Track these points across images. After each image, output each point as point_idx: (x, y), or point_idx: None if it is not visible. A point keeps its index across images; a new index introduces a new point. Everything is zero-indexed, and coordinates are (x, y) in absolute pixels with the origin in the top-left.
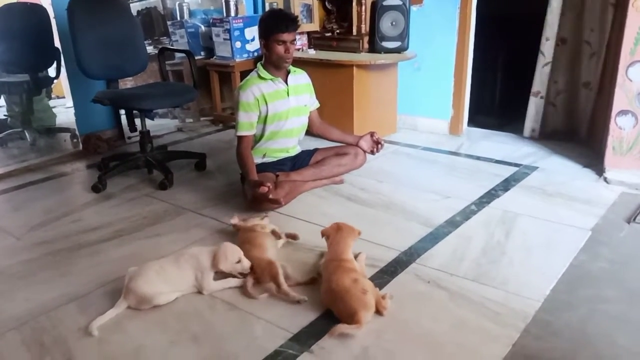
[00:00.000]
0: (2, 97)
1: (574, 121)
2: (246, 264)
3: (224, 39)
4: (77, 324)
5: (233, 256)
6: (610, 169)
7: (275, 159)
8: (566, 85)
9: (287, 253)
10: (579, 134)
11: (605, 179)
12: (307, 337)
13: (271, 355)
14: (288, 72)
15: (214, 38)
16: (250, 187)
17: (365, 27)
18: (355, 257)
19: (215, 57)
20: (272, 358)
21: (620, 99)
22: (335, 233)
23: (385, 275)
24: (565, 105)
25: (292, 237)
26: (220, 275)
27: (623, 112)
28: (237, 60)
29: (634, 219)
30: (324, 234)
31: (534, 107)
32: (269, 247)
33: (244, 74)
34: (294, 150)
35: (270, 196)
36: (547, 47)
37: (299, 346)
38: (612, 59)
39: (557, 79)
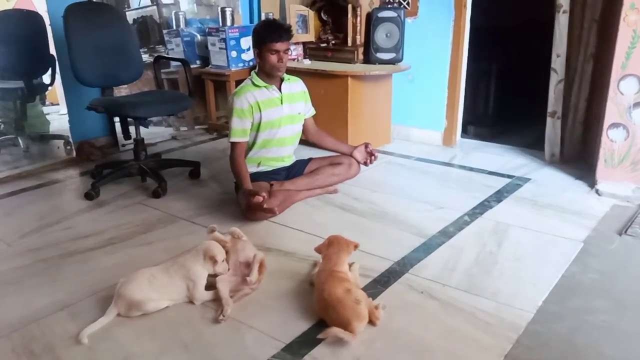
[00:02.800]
0: None
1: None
2: (226, 265)
3: (220, 48)
4: (67, 332)
5: (222, 254)
6: (601, 181)
7: (270, 168)
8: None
9: (280, 262)
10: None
11: (597, 191)
12: (300, 347)
13: None
14: (282, 80)
15: (210, 47)
16: (245, 196)
17: (360, 39)
18: (349, 267)
19: (210, 66)
20: None
21: (611, 112)
22: (326, 249)
23: (378, 285)
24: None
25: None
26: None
27: (615, 125)
28: (233, 69)
29: (625, 231)
30: (316, 251)
31: (552, 128)
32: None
33: (239, 83)
34: (290, 159)
35: (265, 205)
36: (559, 64)
37: (291, 356)
38: (599, 73)
39: (568, 96)
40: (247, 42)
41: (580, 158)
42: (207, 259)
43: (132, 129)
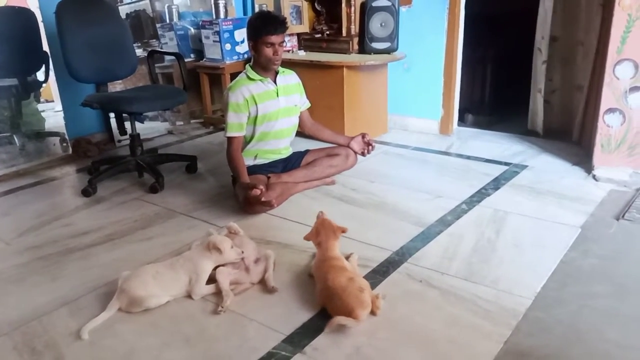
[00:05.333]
0: None
1: (567, 120)
2: (238, 249)
3: (214, 41)
4: (68, 329)
5: (227, 243)
6: (598, 166)
7: (267, 161)
8: (560, 84)
9: (279, 254)
10: (571, 133)
11: (594, 177)
12: (300, 338)
13: (264, 357)
14: (277, 73)
15: (204, 40)
16: (242, 189)
17: (354, 28)
18: (347, 257)
19: (205, 59)
20: None
21: (608, 97)
22: (315, 237)
23: (377, 275)
24: (559, 103)
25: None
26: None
27: (611, 110)
28: (227, 62)
29: (623, 216)
30: (306, 239)
31: (539, 104)
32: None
33: (234, 76)
34: (287, 151)
35: (263, 198)
36: (544, 45)
37: (292, 347)
38: (600, 58)
39: (551, 77)
40: (241, 34)
41: (561, 135)
42: (212, 251)
43: (127, 124)
